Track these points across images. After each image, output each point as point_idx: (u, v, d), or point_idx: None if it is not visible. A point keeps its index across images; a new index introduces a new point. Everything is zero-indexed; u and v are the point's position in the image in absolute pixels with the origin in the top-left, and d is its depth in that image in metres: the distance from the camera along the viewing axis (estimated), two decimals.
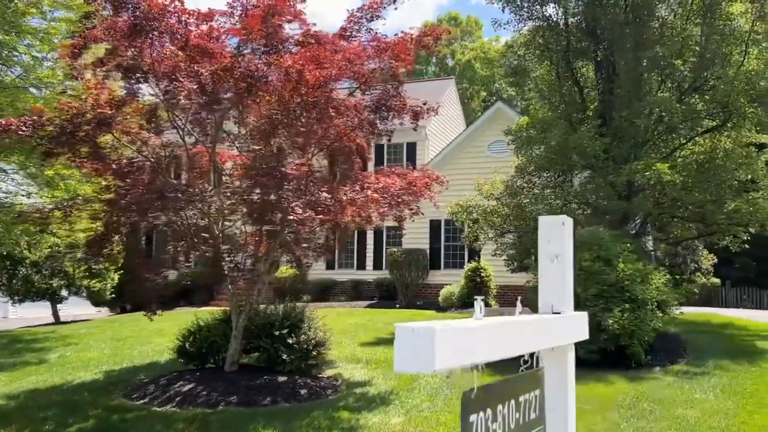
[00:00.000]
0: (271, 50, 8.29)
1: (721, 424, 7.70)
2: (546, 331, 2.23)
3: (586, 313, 2.76)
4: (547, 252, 2.52)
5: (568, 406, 2.47)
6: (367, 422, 8.22)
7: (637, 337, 10.87)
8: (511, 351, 1.94)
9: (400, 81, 10.71)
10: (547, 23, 15.68)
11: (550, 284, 2.50)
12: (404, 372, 1.54)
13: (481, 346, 1.73)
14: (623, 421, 7.95)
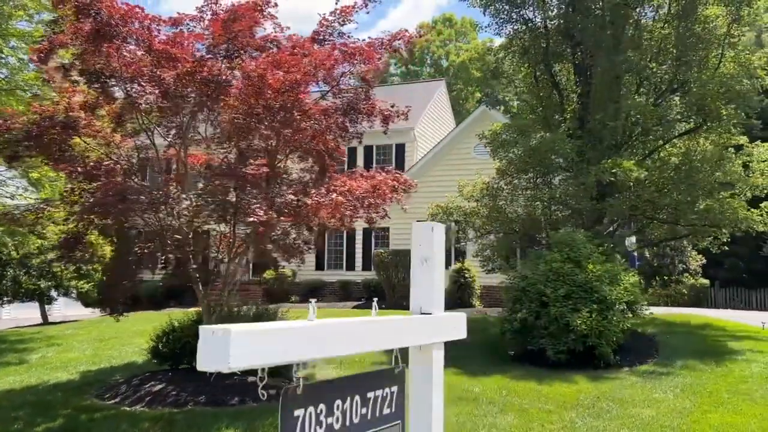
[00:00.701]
0: (233, 55, 8.43)
1: (673, 422, 7.83)
2: (399, 331, 2.36)
3: (461, 314, 2.89)
4: (417, 255, 2.66)
5: (432, 403, 2.59)
6: None
7: (605, 337, 11.00)
8: (339, 351, 2.06)
9: (369, 85, 10.82)
10: (526, 26, 15.82)
11: (420, 286, 2.64)
12: (205, 369, 1.67)
13: (295, 346, 1.85)
14: (579, 419, 8.08)
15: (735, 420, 7.82)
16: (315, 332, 1.93)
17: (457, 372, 11.03)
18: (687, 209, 13.33)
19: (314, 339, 1.92)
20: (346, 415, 2.17)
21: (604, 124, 13.49)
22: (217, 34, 8.42)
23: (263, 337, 1.71)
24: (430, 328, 2.57)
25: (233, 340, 1.61)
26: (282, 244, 9.69)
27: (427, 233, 2.63)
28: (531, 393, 9.43)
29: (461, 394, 9.49)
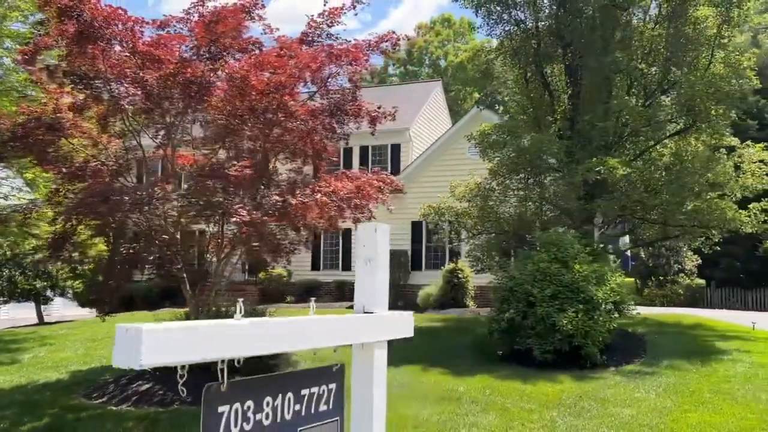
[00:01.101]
0: (216, 57, 8.49)
1: (652, 421, 7.88)
2: (335, 330, 2.42)
3: (408, 313, 2.95)
4: (362, 256, 2.71)
5: (374, 400, 2.65)
6: None
7: (591, 337, 11.04)
8: (267, 349, 2.12)
9: (357, 86, 10.89)
10: (517, 27, 15.88)
11: (363, 286, 2.70)
12: (119, 366, 1.72)
13: (216, 344, 1.90)
14: (560, 418, 8.14)
15: (714, 419, 7.87)
16: (241, 331, 1.98)
17: (443, 372, 11.10)
18: (675, 210, 13.38)
19: (239, 337, 1.97)
20: (277, 412, 2.22)
21: (593, 124, 13.55)
22: (199, 36, 8.49)
23: (179, 335, 1.76)
24: (371, 327, 2.62)
25: (145, 339, 1.66)
26: (269, 245, 9.73)
27: (371, 234, 2.68)
28: (514, 392, 9.49)
29: (445, 393, 9.55)
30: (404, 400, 9.23)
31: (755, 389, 9.22)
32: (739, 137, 32.10)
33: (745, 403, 8.55)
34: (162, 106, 8.59)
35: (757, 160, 15.30)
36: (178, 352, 1.79)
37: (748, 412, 8.13)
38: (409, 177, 25.37)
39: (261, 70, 8.39)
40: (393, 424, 8.00)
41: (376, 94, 35.72)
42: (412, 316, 2.97)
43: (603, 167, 12.22)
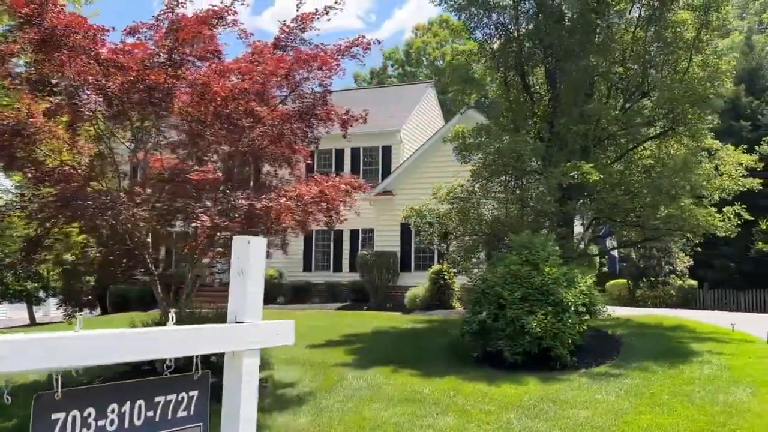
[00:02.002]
0: (176, 64, 8.62)
1: (605, 423, 7.99)
2: (191, 340, 2.53)
3: (288, 322, 3.06)
4: (235, 267, 2.83)
5: (241, 405, 2.76)
6: (274, 422, 8.53)
7: (560, 339, 11.14)
8: (106, 359, 2.24)
9: (328, 90, 11.02)
10: (497, 30, 15.98)
11: (235, 296, 2.82)
12: None
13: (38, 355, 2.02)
14: (516, 420, 8.25)
15: (666, 421, 7.97)
16: (71, 343, 2.10)
17: (414, 373, 11.22)
18: (650, 214, 13.47)
19: (69, 349, 2.09)
20: (125, 418, 2.34)
21: (569, 128, 13.64)
22: (160, 44, 8.63)
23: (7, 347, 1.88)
24: (240, 336, 2.74)
25: None
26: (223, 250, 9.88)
27: (244, 247, 2.80)
28: (478, 394, 9.60)
29: (410, 395, 9.67)
30: (368, 402, 9.36)
31: (715, 391, 9.31)
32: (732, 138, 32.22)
33: (701, 405, 8.64)
34: (125, 113, 8.73)
35: (734, 162, 15.37)
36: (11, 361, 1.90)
37: (701, 414, 8.23)
38: (399, 179, 25.50)
39: (222, 76, 8.52)
40: (352, 425, 8.17)
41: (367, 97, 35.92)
42: (293, 324, 3.09)
43: (577, 172, 12.32)
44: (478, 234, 15.21)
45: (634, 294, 30.42)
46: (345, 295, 26.62)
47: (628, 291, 30.64)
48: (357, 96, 36.06)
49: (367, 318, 19.35)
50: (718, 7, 14.71)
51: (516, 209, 15.04)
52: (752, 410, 8.31)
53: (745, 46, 36.72)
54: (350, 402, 9.39)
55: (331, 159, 29.59)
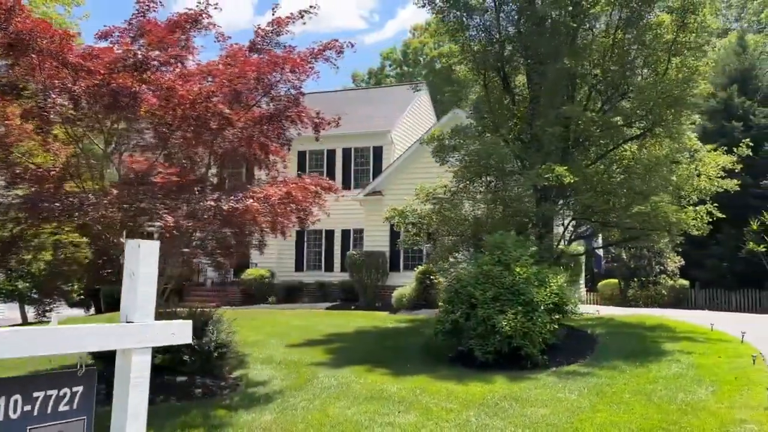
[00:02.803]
0: (141, 68, 8.76)
1: (560, 421, 8.12)
2: (78, 338, 2.68)
3: (184, 322, 3.21)
4: (127, 269, 2.98)
5: (129, 402, 2.90)
6: (238, 420, 8.68)
7: (530, 338, 11.28)
8: None
9: (300, 93, 11.18)
10: (477, 32, 16.11)
11: (126, 297, 2.97)
12: None
13: None
14: (475, 418, 8.38)
15: (620, 419, 8.10)
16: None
17: (386, 372, 11.36)
18: (622, 213, 13.59)
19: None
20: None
21: (544, 129, 13.77)
22: (125, 48, 8.80)
23: None
24: (129, 335, 2.88)
25: None
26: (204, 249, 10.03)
27: (135, 250, 2.95)
28: (444, 392, 9.73)
29: (376, 393, 9.81)
30: (335, 400, 9.51)
31: (677, 390, 9.43)
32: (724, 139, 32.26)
33: (659, 403, 8.77)
34: (92, 116, 8.89)
35: (712, 163, 15.48)
36: None
37: (657, 412, 8.35)
38: (388, 179, 25.64)
39: (186, 80, 8.68)
40: (314, 423, 8.32)
41: (362, 96, 36.08)
42: (190, 324, 3.23)
43: (551, 174, 12.45)
44: (458, 234, 15.35)
45: (625, 294, 30.51)
46: (335, 294, 26.78)
47: (620, 291, 30.74)
48: (350, 96, 36.22)
49: (351, 318, 19.50)
50: (695, 10, 14.81)
51: (499, 210, 15.17)
52: (708, 408, 8.43)
53: (737, 47, 36.78)
54: (317, 400, 9.54)
55: (322, 159, 29.76)
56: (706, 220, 15.16)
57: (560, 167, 12.58)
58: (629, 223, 14.14)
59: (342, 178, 29.37)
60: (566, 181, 12.46)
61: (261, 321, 18.97)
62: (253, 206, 9.09)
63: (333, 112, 32.71)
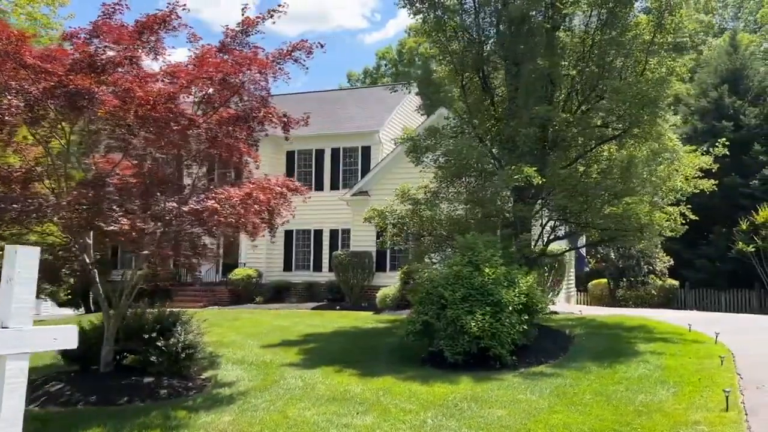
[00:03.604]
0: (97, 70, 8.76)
1: (515, 422, 8.13)
2: None
3: (67, 327, 3.21)
4: (4, 275, 2.99)
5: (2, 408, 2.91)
6: (197, 421, 8.69)
7: (498, 338, 11.28)
8: None
9: (268, 93, 11.21)
10: (455, 32, 16.11)
11: (2, 302, 2.97)
12: None
13: None
14: (432, 419, 8.39)
15: (574, 420, 8.10)
16: None
17: (355, 373, 11.36)
18: (594, 215, 13.59)
19: None
20: None
21: (518, 130, 13.78)
22: (80, 51, 8.81)
23: None
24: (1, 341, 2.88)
25: None
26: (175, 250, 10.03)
27: (12, 256, 2.96)
28: (407, 393, 9.74)
29: (340, 394, 9.81)
30: (297, 402, 9.51)
31: (639, 391, 9.44)
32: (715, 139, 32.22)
33: (617, 405, 8.77)
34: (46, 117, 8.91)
35: (690, 164, 15.47)
36: None
37: (613, 413, 8.36)
38: (374, 179, 25.64)
39: (143, 81, 8.70)
40: (271, 424, 8.34)
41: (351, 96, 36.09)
42: (75, 329, 3.23)
43: (520, 175, 12.47)
44: (436, 235, 15.37)
45: (614, 294, 30.51)
46: (323, 295, 26.80)
47: (609, 291, 30.74)
48: (341, 96, 36.26)
49: (333, 318, 19.52)
50: (672, 10, 14.81)
51: (476, 211, 15.17)
52: (664, 410, 8.43)
53: (729, 47, 36.76)
54: (279, 401, 9.55)
55: (311, 159, 29.78)
56: (680, 221, 15.14)
57: (530, 168, 12.59)
58: (602, 224, 14.14)
59: (330, 177, 29.41)
60: (535, 181, 12.48)
61: (243, 321, 19.00)
62: (214, 207, 9.10)
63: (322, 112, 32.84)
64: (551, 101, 15.51)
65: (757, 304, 30.19)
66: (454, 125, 15.77)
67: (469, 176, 15.93)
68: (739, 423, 7.78)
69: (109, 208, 8.60)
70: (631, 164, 13.82)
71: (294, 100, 35.69)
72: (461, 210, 16.05)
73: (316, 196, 29.52)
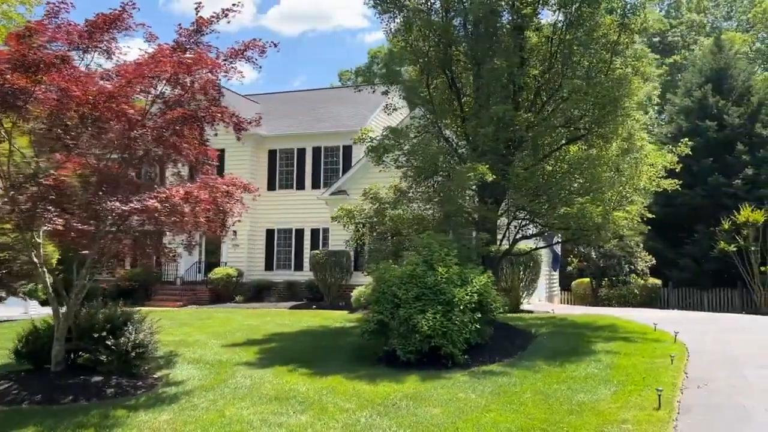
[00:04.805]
0: (29, 70, 8.77)
1: (446, 420, 8.15)
2: None
3: None
4: None
5: None
6: (134, 420, 8.72)
7: (449, 337, 11.30)
8: None
9: (219, 92, 11.23)
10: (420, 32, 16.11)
11: None
12: None
13: None
14: (365, 418, 8.42)
15: (504, 419, 8.13)
16: None
17: (306, 372, 11.37)
18: (548, 213, 13.61)
19: None
20: None
21: (477, 130, 13.79)
22: (14, 50, 8.84)
23: None
24: None
25: None
26: (105, 250, 10.09)
27: None
28: (351, 392, 9.76)
29: (284, 393, 9.83)
30: (239, 401, 9.54)
31: (580, 390, 9.45)
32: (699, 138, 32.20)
33: (553, 404, 8.78)
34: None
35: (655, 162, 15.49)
36: None
37: (545, 412, 8.37)
38: (353, 178, 25.67)
39: (78, 81, 8.72)
40: (206, 423, 8.37)
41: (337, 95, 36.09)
42: None
43: (474, 173, 12.49)
44: (399, 234, 15.39)
45: (597, 293, 30.52)
46: (303, 293, 26.85)
47: (592, 290, 30.75)
48: (326, 95, 36.25)
49: (305, 317, 19.56)
50: (635, 11, 14.82)
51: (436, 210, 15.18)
52: (597, 409, 8.46)
53: (714, 46, 36.73)
54: (222, 401, 9.57)
55: (293, 158, 29.81)
56: (636, 220, 15.16)
57: (483, 166, 12.61)
58: (557, 223, 14.16)
59: (312, 176, 29.44)
60: (488, 179, 12.50)
61: (214, 320, 19.02)
62: (154, 206, 9.12)
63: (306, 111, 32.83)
64: (517, 101, 15.53)
65: (739, 304, 30.18)
66: (419, 125, 15.79)
67: (437, 176, 15.95)
68: (666, 422, 7.81)
69: (44, 209, 8.63)
70: (590, 164, 13.83)
71: (279, 99, 35.80)
72: (431, 210, 16.06)
73: (298, 195, 29.65)
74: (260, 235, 29.77)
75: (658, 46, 56.99)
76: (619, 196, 15.15)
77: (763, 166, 31.39)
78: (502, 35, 14.88)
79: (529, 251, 18.29)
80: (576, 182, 13.85)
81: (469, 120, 14.84)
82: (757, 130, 32.03)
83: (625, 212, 14.88)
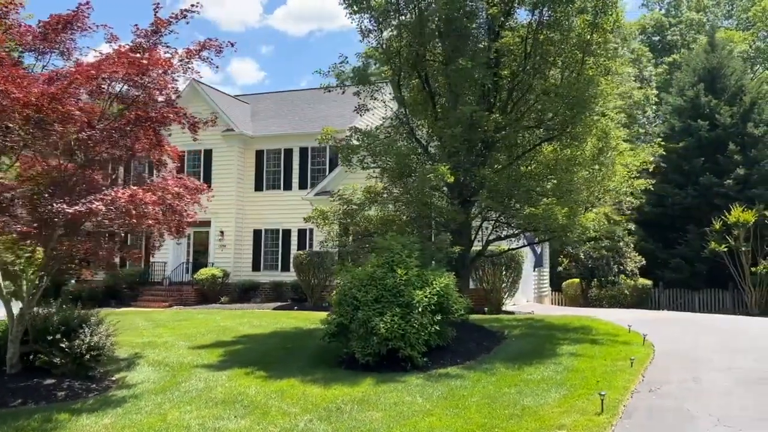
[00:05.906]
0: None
1: (385, 425, 8.06)
2: None
3: None
4: None
5: None
6: (76, 424, 8.65)
7: (407, 340, 11.20)
8: None
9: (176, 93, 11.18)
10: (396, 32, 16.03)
11: None
12: None
13: None
14: (305, 423, 8.33)
15: (443, 423, 8.03)
16: None
17: (263, 375, 11.28)
18: (515, 214, 13.50)
19: None
20: None
21: (444, 130, 13.69)
22: None
23: None
24: None
25: None
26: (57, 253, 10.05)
27: None
28: (300, 396, 9.68)
29: (233, 397, 9.75)
30: (185, 404, 9.46)
31: (530, 394, 9.34)
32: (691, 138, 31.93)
33: (496, 407, 8.67)
34: None
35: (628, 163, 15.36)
36: None
37: (486, 417, 8.26)
38: (337, 179, 25.59)
39: (18, 84, 8.69)
40: (146, 427, 8.29)
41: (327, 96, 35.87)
42: None
43: (433, 174, 12.40)
44: (367, 236, 15.31)
45: (587, 294, 30.35)
46: (288, 294, 26.78)
47: (582, 291, 30.57)
48: (315, 96, 36.09)
49: (282, 319, 19.47)
50: (605, 9, 14.68)
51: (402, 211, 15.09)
52: (539, 413, 8.34)
53: (707, 45, 36.49)
54: (168, 404, 9.49)
55: (280, 158, 29.74)
56: (602, 221, 15.02)
57: (443, 167, 12.51)
58: (522, 224, 14.05)
59: (299, 177, 29.38)
60: (449, 180, 12.39)
61: (191, 322, 18.94)
62: (98, 208, 9.07)
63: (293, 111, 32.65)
64: (489, 102, 15.43)
65: (730, 304, 29.99)
66: (389, 125, 15.71)
67: (410, 177, 15.86)
68: (605, 427, 7.70)
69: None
70: (564, 164, 13.70)
71: (270, 100, 35.72)
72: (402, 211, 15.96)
73: (285, 196, 29.58)
74: (247, 235, 29.72)
75: (657, 44, 56.74)
76: (592, 197, 15.01)
77: (754, 165, 31.14)
78: (476, 36, 14.76)
79: (506, 251, 18.15)
80: (550, 183, 13.73)
81: (441, 120, 14.73)
82: (749, 130, 31.76)
83: (595, 213, 14.74)
